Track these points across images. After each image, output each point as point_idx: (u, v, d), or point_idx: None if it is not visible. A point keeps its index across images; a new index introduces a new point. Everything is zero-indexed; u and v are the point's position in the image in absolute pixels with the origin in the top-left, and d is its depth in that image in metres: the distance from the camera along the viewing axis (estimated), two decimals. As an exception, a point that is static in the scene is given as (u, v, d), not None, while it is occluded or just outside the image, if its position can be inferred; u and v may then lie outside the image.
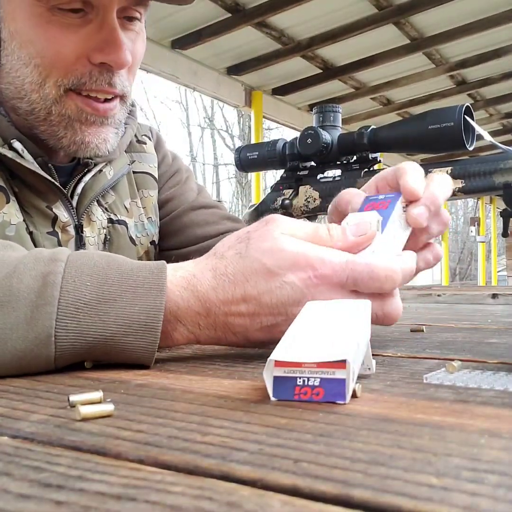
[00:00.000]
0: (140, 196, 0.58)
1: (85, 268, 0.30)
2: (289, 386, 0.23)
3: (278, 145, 0.68)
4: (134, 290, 0.30)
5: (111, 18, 0.43)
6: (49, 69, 0.43)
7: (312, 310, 0.28)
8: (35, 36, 0.43)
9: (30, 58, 0.43)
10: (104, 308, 0.30)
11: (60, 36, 0.43)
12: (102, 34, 0.43)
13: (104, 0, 0.42)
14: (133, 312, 0.30)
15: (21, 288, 0.29)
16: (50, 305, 0.29)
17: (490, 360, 0.32)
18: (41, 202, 0.48)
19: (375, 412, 0.21)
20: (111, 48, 0.43)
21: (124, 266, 0.31)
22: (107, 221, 0.53)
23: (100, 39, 0.43)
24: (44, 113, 0.45)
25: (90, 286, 0.30)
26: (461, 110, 0.54)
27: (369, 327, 0.28)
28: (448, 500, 0.13)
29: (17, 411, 0.22)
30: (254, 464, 0.16)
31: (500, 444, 0.17)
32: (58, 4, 0.41)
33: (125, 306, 0.30)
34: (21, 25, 0.43)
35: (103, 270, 0.31)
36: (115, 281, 0.30)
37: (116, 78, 0.45)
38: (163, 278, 0.31)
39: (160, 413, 0.21)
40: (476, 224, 6.41)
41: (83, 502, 0.13)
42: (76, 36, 0.43)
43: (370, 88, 3.66)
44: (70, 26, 0.43)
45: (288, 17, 2.64)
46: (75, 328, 0.29)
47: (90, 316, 0.29)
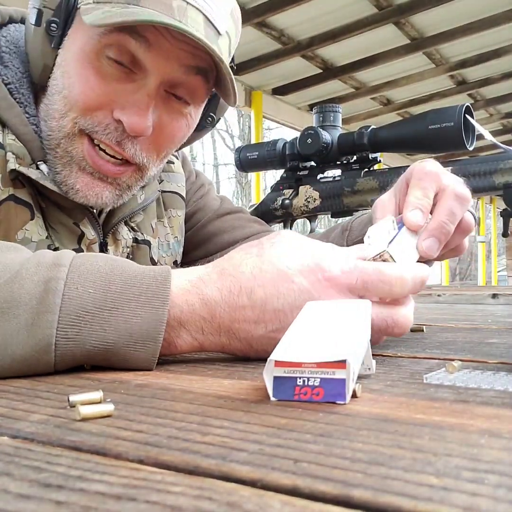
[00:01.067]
0: (168, 216, 0.58)
1: (88, 274, 0.30)
2: (289, 386, 0.23)
3: (278, 145, 0.68)
4: (137, 298, 0.30)
5: (151, 85, 0.43)
6: (72, 104, 0.44)
7: (312, 310, 0.28)
8: (74, 70, 0.43)
9: (63, 88, 0.44)
10: (106, 316, 0.29)
11: (93, 80, 0.43)
12: (135, 96, 0.43)
13: (155, 67, 0.42)
14: (135, 322, 0.29)
15: (22, 294, 0.28)
16: (52, 313, 0.28)
17: (490, 360, 0.32)
18: (68, 219, 0.48)
19: (375, 412, 0.21)
20: (134, 110, 0.43)
21: (127, 272, 0.31)
22: (132, 240, 0.53)
23: (129, 100, 0.43)
24: (54, 143, 0.46)
25: (93, 293, 0.29)
26: (461, 110, 0.54)
27: (369, 327, 0.28)
28: (448, 500, 0.13)
29: (17, 411, 0.22)
30: (254, 464, 0.16)
31: (500, 444, 0.17)
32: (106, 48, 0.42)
33: (127, 315, 0.29)
34: (70, 55, 0.44)
35: (106, 277, 0.30)
36: (118, 288, 0.30)
37: (128, 142, 0.45)
38: (167, 286, 0.30)
39: (160, 413, 0.21)
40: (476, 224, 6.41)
41: (83, 502, 0.13)
42: (109, 87, 0.43)
43: (370, 88, 3.66)
44: (109, 76, 0.43)
45: (288, 17, 2.64)
46: (75, 336, 0.29)
47: (91, 324, 0.29)
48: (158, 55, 0.42)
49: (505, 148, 0.53)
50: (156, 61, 0.43)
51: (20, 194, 0.45)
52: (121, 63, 0.43)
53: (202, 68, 0.45)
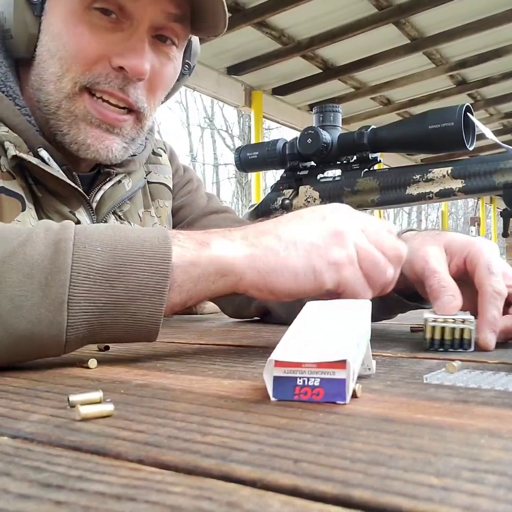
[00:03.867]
0: (155, 206, 0.59)
1: (94, 235, 0.30)
2: (289, 386, 0.23)
3: (278, 145, 0.68)
4: (141, 255, 0.30)
5: (142, 31, 0.46)
6: (70, 63, 0.45)
7: (312, 310, 0.28)
8: (65, 31, 0.45)
9: (57, 51, 0.45)
10: (114, 274, 0.30)
11: (88, 34, 0.45)
12: (129, 42, 0.45)
13: (140, 11, 0.45)
14: (142, 278, 0.30)
15: (35, 255, 0.29)
16: (63, 272, 0.29)
17: (490, 360, 0.32)
18: (64, 208, 0.49)
19: (375, 412, 0.21)
20: (132, 54, 0.45)
21: (129, 233, 0.32)
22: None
23: (125, 46, 0.45)
24: (54, 106, 0.47)
25: (101, 252, 0.30)
26: (461, 110, 0.54)
27: (369, 327, 0.28)
28: (448, 500, 0.13)
29: (17, 411, 0.22)
30: (254, 464, 0.16)
31: (500, 444, 0.17)
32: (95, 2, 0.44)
33: (133, 272, 0.30)
34: (55, 19, 0.45)
35: (111, 236, 0.31)
36: (124, 246, 0.31)
37: (131, 87, 0.47)
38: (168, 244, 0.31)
39: (160, 413, 0.21)
40: (476, 224, 6.41)
41: (83, 502, 0.13)
42: (103, 38, 0.45)
43: (370, 88, 3.66)
44: (100, 28, 0.45)
45: (288, 17, 2.64)
46: (86, 294, 0.29)
47: (101, 282, 0.29)
48: (143, 3, 0.45)
49: (506, 147, 0.53)
50: (142, 9, 0.45)
51: (10, 186, 0.46)
52: (109, 14, 0.45)
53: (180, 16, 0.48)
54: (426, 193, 0.59)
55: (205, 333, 0.52)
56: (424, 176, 0.58)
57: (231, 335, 0.51)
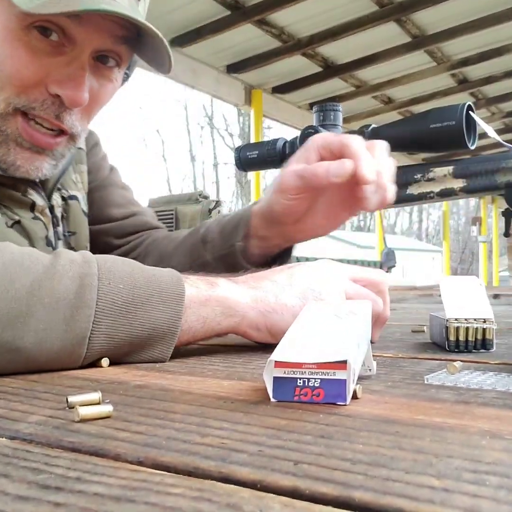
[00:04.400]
0: (78, 171, 0.59)
1: (115, 271, 0.32)
2: (289, 387, 0.23)
3: (278, 144, 0.67)
4: (158, 294, 0.32)
5: (83, 57, 0.44)
6: (5, 83, 0.44)
7: (312, 310, 0.28)
8: (1, 49, 0.43)
9: None
10: (133, 310, 0.31)
11: (25, 57, 0.43)
12: (69, 69, 0.44)
13: (84, 37, 0.43)
14: (157, 317, 0.32)
15: (61, 289, 0.30)
16: (89, 308, 0.30)
17: (492, 361, 0.32)
18: (14, 193, 0.49)
19: (376, 413, 0.21)
20: (71, 83, 0.44)
21: (146, 272, 0.33)
22: (61, 199, 0.55)
23: (64, 74, 0.44)
24: None
25: (123, 289, 0.31)
26: (463, 109, 0.54)
27: (369, 328, 0.28)
28: (449, 501, 0.13)
29: (16, 412, 0.22)
30: (254, 466, 0.15)
31: (502, 445, 0.17)
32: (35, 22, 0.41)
33: (151, 310, 0.32)
34: None
35: (129, 274, 0.32)
36: (142, 285, 0.32)
37: (66, 114, 0.46)
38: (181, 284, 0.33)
39: (159, 414, 0.21)
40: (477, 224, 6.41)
41: (81, 504, 0.13)
42: (41, 62, 0.43)
43: (371, 87, 3.65)
44: (40, 51, 0.43)
45: (288, 15, 2.64)
46: (106, 329, 0.30)
47: (120, 318, 0.31)
48: (89, 29, 0.43)
49: (509, 146, 0.53)
50: (87, 34, 0.43)
51: None
52: (49, 35, 0.43)
53: (127, 38, 0.46)
54: (427, 193, 0.59)
55: (206, 332, 0.52)
56: (425, 176, 0.58)
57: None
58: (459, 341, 0.36)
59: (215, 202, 0.74)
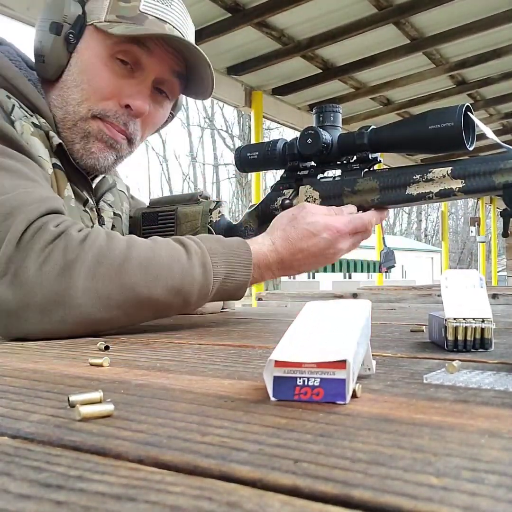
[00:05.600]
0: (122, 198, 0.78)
1: (217, 252, 0.53)
2: (289, 386, 0.23)
3: (278, 145, 0.67)
4: (239, 254, 0.55)
5: (148, 81, 0.63)
6: (90, 95, 0.61)
7: (312, 310, 0.28)
8: (92, 70, 0.61)
9: (81, 83, 0.61)
10: (231, 261, 0.54)
11: (108, 77, 0.61)
12: (137, 88, 0.62)
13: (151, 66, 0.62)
14: (239, 265, 0.55)
15: (195, 274, 0.51)
16: (210, 284, 0.53)
17: (490, 360, 0.32)
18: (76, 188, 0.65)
19: (375, 412, 0.21)
20: (138, 97, 0.62)
21: (230, 245, 0.55)
22: (112, 214, 0.73)
23: (134, 90, 0.62)
24: (71, 123, 0.62)
25: (223, 267, 0.53)
26: (461, 110, 0.54)
27: (369, 327, 0.28)
28: (448, 500, 0.13)
29: (17, 411, 0.22)
30: (254, 464, 0.16)
31: (500, 444, 0.17)
32: (118, 53, 0.61)
33: (237, 260, 0.54)
34: (86, 58, 0.61)
35: (225, 254, 0.54)
36: (233, 260, 0.54)
37: (131, 122, 0.63)
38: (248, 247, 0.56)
39: (160, 413, 0.21)
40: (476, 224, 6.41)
41: (83, 502, 0.13)
42: (119, 83, 0.61)
43: (370, 88, 3.66)
44: (118, 74, 0.61)
45: (288, 17, 2.64)
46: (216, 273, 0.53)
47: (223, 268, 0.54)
48: (155, 60, 0.62)
49: (507, 147, 0.53)
50: (153, 64, 0.62)
51: (58, 162, 0.61)
52: (127, 64, 0.61)
53: (180, 73, 0.65)
54: (426, 193, 0.59)
55: (205, 333, 0.52)
56: (424, 176, 0.58)
57: (231, 335, 0.51)
58: (458, 341, 0.36)
59: (216, 203, 0.74)
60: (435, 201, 0.60)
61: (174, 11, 0.63)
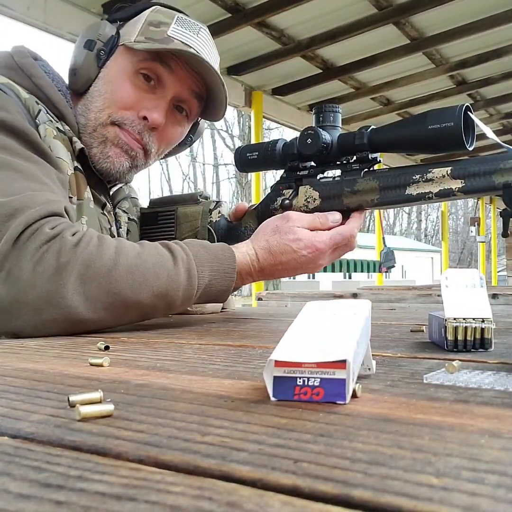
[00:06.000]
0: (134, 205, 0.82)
1: (202, 261, 0.56)
2: (289, 386, 0.23)
3: (278, 145, 0.67)
4: (222, 261, 0.57)
5: (167, 97, 0.68)
6: (110, 104, 0.67)
7: (311, 310, 0.28)
8: (116, 82, 0.67)
9: (104, 92, 0.67)
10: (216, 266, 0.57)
11: (130, 90, 0.67)
12: (156, 102, 0.67)
13: (171, 84, 0.68)
14: (223, 272, 0.57)
15: (180, 280, 0.54)
16: (193, 288, 0.55)
17: (490, 360, 0.32)
18: (95, 192, 0.69)
19: (375, 412, 0.21)
20: (155, 110, 0.67)
21: (214, 252, 0.57)
22: (127, 219, 0.77)
23: (153, 104, 0.67)
24: (91, 129, 0.67)
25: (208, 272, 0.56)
26: (461, 110, 0.54)
27: (369, 327, 0.28)
28: (448, 500, 0.13)
29: (17, 411, 0.22)
30: (254, 464, 0.16)
31: (500, 444, 0.17)
32: (142, 69, 0.67)
33: (221, 266, 0.57)
34: (111, 71, 0.67)
35: (210, 260, 0.56)
36: (217, 266, 0.57)
37: (146, 133, 0.68)
38: (233, 255, 0.58)
39: (160, 413, 0.21)
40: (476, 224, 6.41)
41: (83, 502, 0.13)
42: (140, 96, 0.67)
43: (370, 88, 3.66)
44: (141, 88, 0.67)
45: (288, 17, 2.64)
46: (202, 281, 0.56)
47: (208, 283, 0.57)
48: (176, 79, 0.67)
49: (507, 147, 0.53)
50: (174, 82, 0.68)
51: (79, 166, 0.65)
52: (149, 80, 0.67)
53: (199, 94, 0.70)
54: (425, 193, 0.59)
55: (205, 333, 0.52)
56: (423, 176, 0.58)
57: (231, 335, 0.51)
58: (458, 341, 0.36)
59: (216, 203, 0.74)
60: (435, 201, 0.60)
61: (200, 39, 0.68)
